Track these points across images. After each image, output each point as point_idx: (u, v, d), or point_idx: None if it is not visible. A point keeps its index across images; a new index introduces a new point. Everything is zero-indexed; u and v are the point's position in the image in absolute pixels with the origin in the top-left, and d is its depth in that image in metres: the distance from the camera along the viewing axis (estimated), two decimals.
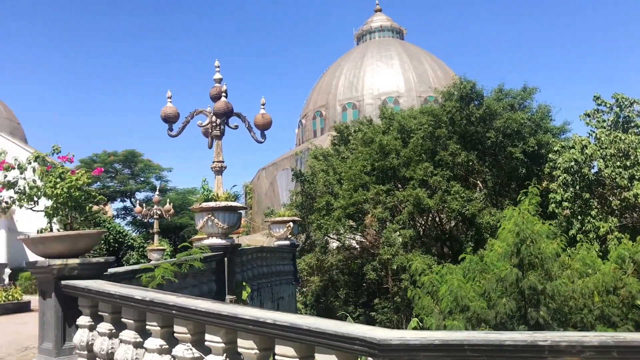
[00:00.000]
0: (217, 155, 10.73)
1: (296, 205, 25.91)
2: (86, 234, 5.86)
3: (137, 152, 42.48)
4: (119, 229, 33.38)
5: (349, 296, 24.07)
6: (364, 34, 50.86)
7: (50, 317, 5.71)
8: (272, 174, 44.72)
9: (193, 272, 7.88)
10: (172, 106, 10.65)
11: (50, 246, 5.68)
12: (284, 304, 13.54)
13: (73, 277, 5.66)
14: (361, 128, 26.54)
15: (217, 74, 10.91)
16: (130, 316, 4.85)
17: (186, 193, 42.33)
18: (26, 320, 11.22)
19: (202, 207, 9.79)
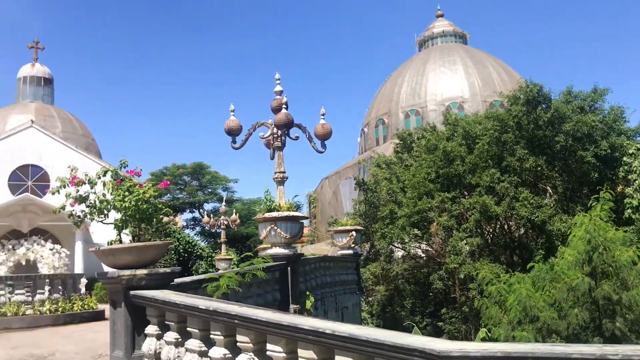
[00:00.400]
0: (279, 166, 10.87)
1: (359, 214, 25.82)
2: (153, 245, 6.05)
3: (204, 164, 43.65)
4: (188, 239, 34.28)
5: (416, 306, 23.73)
6: (425, 40, 50.37)
7: (121, 326, 5.93)
8: (335, 183, 44.83)
9: (257, 281, 7.98)
10: (235, 119, 10.90)
11: (120, 257, 5.91)
12: (348, 313, 13.49)
13: (141, 287, 5.86)
14: (424, 135, 26.21)
15: (278, 86, 11.09)
16: (195, 325, 4.96)
17: (251, 203, 43.08)
18: (100, 328, 11.69)
19: (265, 217, 9.93)
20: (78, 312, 13.80)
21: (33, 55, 39.18)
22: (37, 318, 12.90)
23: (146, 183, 6.43)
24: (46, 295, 13.60)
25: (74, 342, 9.29)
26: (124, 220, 6.14)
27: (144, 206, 6.19)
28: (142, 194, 6.12)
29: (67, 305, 13.69)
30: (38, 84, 38.59)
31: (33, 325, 12.55)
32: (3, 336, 10.71)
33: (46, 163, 31.51)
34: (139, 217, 6.24)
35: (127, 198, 6.02)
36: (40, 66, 39.13)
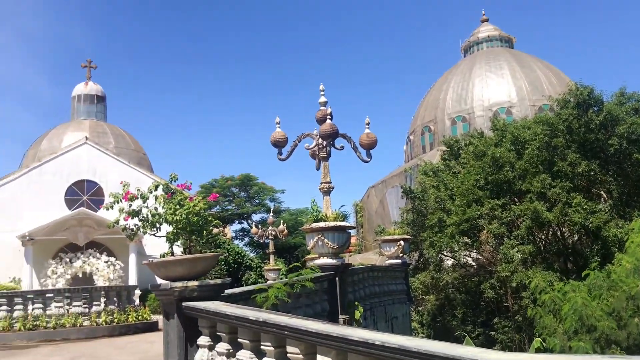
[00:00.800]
0: (325, 177, 10.91)
1: (407, 223, 25.60)
2: (203, 257, 6.17)
3: (252, 175, 44.19)
4: (237, 250, 34.71)
5: (467, 315, 23.29)
6: (470, 46, 49.76)
7: (174, 337, 6.06)
8: (382, 191, 44.61)
9: (306, 292, 8.02)
10: (280, 131, 11.02)
11: (172, 269, 6.05)
12: (398, 323, 13.38)
13: (193, 299, 5.98)
14: (472, 141, 25.81)
15: (322, 97, 11.16)
16: (245, 336, 5.02)
17: (298, 213, 43.28)
18: (153, 339, 11.94)
19: (312, 228, 9.98)
20: (133, 323, 14.13)
21: (86, 74, 40.63)
22: (93, 329, 13.28)
23: (196, 196, 6.58)
24: (102, 307, 14.00)
25: (129, 352, 9.53)
26: (176, 233, 6.28)
27: (195, 219, 6.33)
28: (192, 207, 6.26)
29: (122, 317, 14.05)
30: (91, 101, 39.94)
31: (90, 336, 12.94)
32: (62, 347, 11.07)
33: (100, 178, 32.53)
34: (189, 229, 6.38)
35: (178, 211, 6.16)
36: (93, 84, 40.51)
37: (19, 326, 13.18)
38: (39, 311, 13.62)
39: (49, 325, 13.28)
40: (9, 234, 29.21)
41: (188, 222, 6.24)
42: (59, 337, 12.75)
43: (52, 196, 31.23)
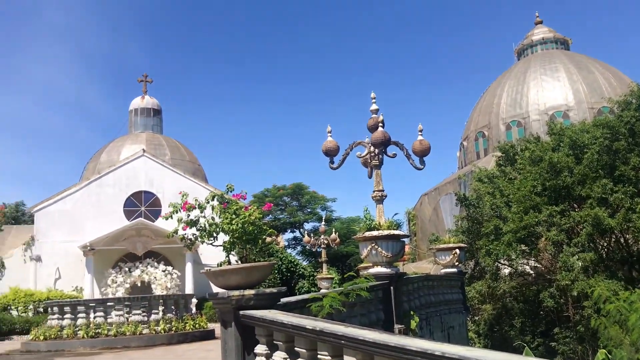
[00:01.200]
0: (377, 185, 10.85)
1: (462, 231, 25.14)
2: (259, 266, 6.23)
3: (303, 184, 44.44)
4: (290, 258, 34.93)
5: (525, 325, 22.62)
6: (524, 49, 48.65)
7: (231, 345, 6.13)
8: (435, 199, 44.02)
9: (360, 301, 7.97)
10: (332, 140, 11.03)
11: (228, 278, 6.13)
12: (454, 333, 13.13)
13: (249, 307, 6.03)
14: (528, 146, 25.15)
15: (374, 105, 11.13)
16: (302, 345, 5.03)
17: (350, 222, 43.19)
18: (211, 347, 12.12)
19: (365, 237, 9.93)
20: (190, 331, 14.39)
21: (142, 88, 41.87)
22: (153, 337, 13.60)
23: (251, 206, 6.66)
24: (160, 315, 14.32)
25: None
26: (232, 242, 6.37)
27: (250, 228, 6.40)
28: (248, 216, 6.33)
29: (180, 325, 14.33)
30: (148, 115, 41.12)
31: (149, 344, 13.24)
32: (123, 354, 11.38)
33: (157, 189, 33.40)
34: (245, 238, 6.46)
35: (234, 221, 6.25)
36: (149, 98, 41.72)
37: (82, 334, 13.63)
38: (100, 319, 14.06)
39: (110, 333, 13.68)
40: (71, 244, 30.34)
41: (244, 231, 6.32)
42: (120, 345, 13.11)
43: (111, 207, 32.27)
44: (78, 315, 14.26)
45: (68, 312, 14.37)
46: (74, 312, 14.35)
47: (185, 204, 6.36)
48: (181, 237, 6.53)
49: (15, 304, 28.13)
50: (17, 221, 51.93)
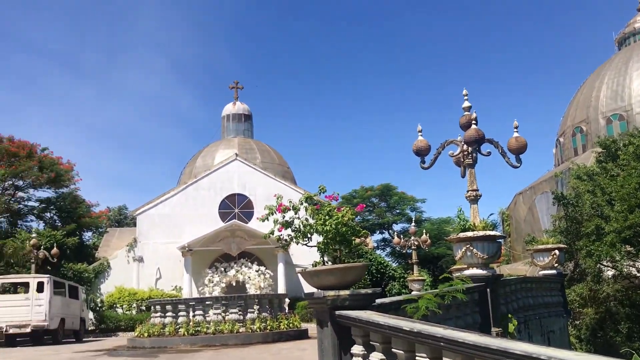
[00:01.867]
0: (471, 184, 10.59)
1: (560, 231, 24.05)
2: (354, 267, 6.26)
3: (391, 185, 44.20)
4: (380, 260, 34.79)
5: (633, 331, 21.27)
6: (626, 37, 45.74)
7: (327, 344, 6.19)
8: (530, 198, 42.32)
9: (456, 303, 7.82)
10: (423, 139, 10.88)
11: (323, 278, 6.20)
12: (554, 338, 12.57)
13: (344, 308, 6.07)
14: (632, 141, 23.63)
15: (466, 102, 10.87)
16: (399, 347, 5.00)
17: (441, 223, 42.46)
18: (305, 346, 12.30)
19: (460, 238, 9.72)
20: (284, 330, 14.68)
21: (234, 94, 43.24)
22: (249, 335, 13.99)
23: (344, 207, 6.70)
24: (256, 314, 14.70)
25: (283, 359, 9.89)
26: (326, 243, 6.45)
27: (343, 229, 6.45)
28: (340, 217, 6.39)
29: (275, 324, 14.65)
30: (239, 120, 42.42)
31: (246, 342, 13.63)
32: (222, 352, 11.78)
33: (249, 192, 34.38)
34: (338, 239, 6.51)
35: (327, 222, 6.32)
36: (240, 104, 43.02)
37: (183, 331, 14.25)
38: (199, 317, 14.64)
39: (209, 331, 14.21)
40: (171, 245, 31.83)
41: (337, 232, 6.38)
42: (218, 343, 13.58)
43: (207, 209, 33.55)
44: (179, 314, 14.92)
45: (169, 310, 15.07)
46: (175, 310, 15.03)
47: (281, 205, 6.50)
48: (277, 238, 6.69)
49: (120, 302, 29.89)
50: (120, 224, 55.22)
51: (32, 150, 34.39)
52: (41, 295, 19.67)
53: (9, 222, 35.61)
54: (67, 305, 21.85)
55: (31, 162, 33.33)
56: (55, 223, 36.83)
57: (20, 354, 14.74)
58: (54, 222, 37.05)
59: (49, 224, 36.66)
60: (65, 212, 36.76)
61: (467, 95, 10.97)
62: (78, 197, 37.68)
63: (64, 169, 35.67)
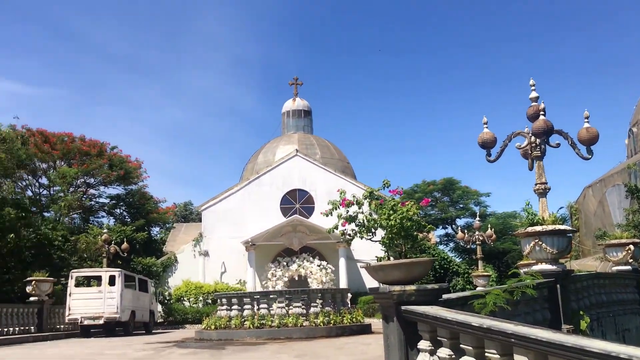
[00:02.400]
0: (540, 177, 10.29)
1: (634, 225, 23.04)
2: (420, 262, 6.20)
3: (454, 179, 43.43)
4: (443, 255, 34.29)
5: None
6: None
7: (393, 340, 6.17)
8: (601, 191, 40.64)
9: (525, 299, 7.61)
10: (489, 132, 10.66)
11: (389, 273, 6.17)
12: (630, 336, 12.03)
13: (410, 303, 6.03)
14: None
15: (533, 93, 10.56)
16: (468, 343, 4.92)
17: (506, 217, 41.41)
18: (369, 341, 12.30)
19: (528, 232, 9.47)
20: (348, 324, 14.71)
21: (294, 91, 43.56)
22: (312, 329, 14.11)
23: (408, 202, 6.65)
24: (319, 308, 14.80)
25: (347, 353, 9.91)
26: (391, 238, 6.41)
27: (408, 224, 6.40)
28: (405, 212, 6.34)
29: (338, 318, 14.70)
30: (299, 116, 42.70)
31: (310, 336, 13.76)
32: (287, 345, 11.93)
33: (310, 187, 34.62)
34: (403, 234, 6.46)
35: (392, 216, 6.28)
36: (300, 100, 43.29)
37: (249, 324, 14.52)
38: (264, 311, 14.88)
39: (274, 324, 14.42)
40: (235, 239, 32.47)
41: (402, 227, 6.33)
42: (283, 336, 13.77)
43: (269, 204, 34.03)
44: (244, 307, 15.22)
45: (235, 303, 15.39)
46: (240, 303, 15.34)
47: (344, 200, 6.51)
48: (341, 233, 6.70)
49: (187, 295, 30.76)
50: (186, 219, 56.80)
51: (102, 149, 35.88)
52: (113, 288, 20.50)
53: (81, 219, 37.28)
54: (137, 298, 22.69)
55: (101, 160, 34.79)
56: (125, 219, 38.25)
57: (96, 343, 15.42)
58: (123, 218, 38.50)
59: (118, 219, 38.13)
60: (134, 208, 38.12)
61: (534, 85, 10.66)
62: (146, 194, 38.98)
63: (132, 167, 37.02)
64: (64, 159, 34.44)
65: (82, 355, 11.18)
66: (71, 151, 34.39)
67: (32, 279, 20.37)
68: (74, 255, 28.12)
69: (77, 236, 29.00)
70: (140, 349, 12.51)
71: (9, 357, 11.09)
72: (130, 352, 11.57)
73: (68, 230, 30.71)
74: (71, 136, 35.22)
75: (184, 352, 11.13)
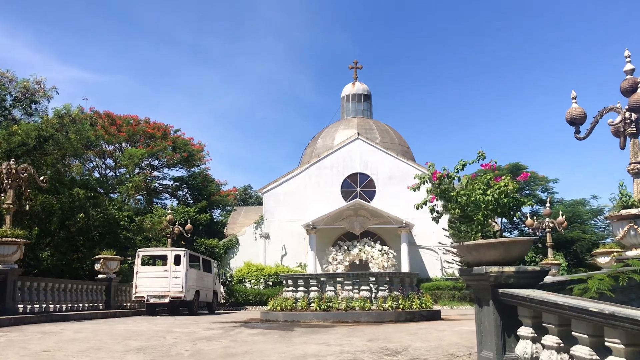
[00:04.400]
0: (635, 156, 9.49)
1: None
2: (520, 241, 5.67)
3: (521, 164, 41.86)
4: None
5: None
6: None
7: (489, 325, 5.69)
8: None
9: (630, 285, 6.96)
10: (578, 107, 9.89)
11: (484, 253, 5.68)
12: None
13: (508, 286, 5.54)
14: None
15: (628, 65, 9.73)
16: (582, 330, 4.41)
17: (575, 205, 39.70)
18: (442, 327, 11.81)
19: (622, 215, 8.77)
20: (417, 310, 14.23)
21: (353, 75, 42.95)
22: (381, 313, 13.70)
23: (505, 176, 6.12)
24: (387, 293, 14.38)
25: (421, 339, 9.46)
26: (485, 215, 5.91)
27: (505, 200, 5.88)
28: (503, 187, 5.82)
29: (407, 303, 14.24)
30: (358, 100, 42.11)
31: (378, 320, 13.36)
32: (356, 328, 11.59)
33: (371, 171, 34.12)
34: (499, 211, 5.95)
35: (489, 191, 5.78)
36: (359, 84, 42.67)
37: (315, 306, 14.26)
38: (330, 293, 14.59)
39: (341, 307, 14.10)
40: (296, 222, 32.41)
41: (497, 203, 5.82)
42: (350, 319, 13.43)
43: (330, 188, 33.77)
44: (310, 289, 14.98)
45: (301, 285, 15.17)
46: (306, 285, 15.11)
47: (436, 173, 6.03)
48: (431, 208, 6.25)
49: (248, 277, 30.95)
50: (246, 203, 57.36)
51: (167, 132, 36.44)
52: (178, 267, 20.71)
53: (146, 200, 38.07)
54: (201, 278, 22.89)
55: (166, 142, 35.35)
56: (188, 200, 38.83)
57: (162, 321, 15.55)
58: (186, 200, 39.10)
59: (181, 201, 38.75)
60: (197, 190, 38.63)
61: (629, 56, 9.82)
62: (208, 176, 39.42)
63: (195, 149, 37.46)
64: (130, 141, 35.18)
65: (151, 332, 11.19)
66: (136, 133, 35.08)
67: (100, 257, 20.81)
68: (140, 235, 28.69)
69: (142, 217, 29.58)
70: (207, 327, 12.46)
71: (81, 332, 11.22)
72: (199, 330, 11.51)
73: (133, 211, 31.38)
74: (136, 119, 35.91)
75: (253, 332, 10.96)
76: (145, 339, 9.59)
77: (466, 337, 9.63)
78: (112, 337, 10.22)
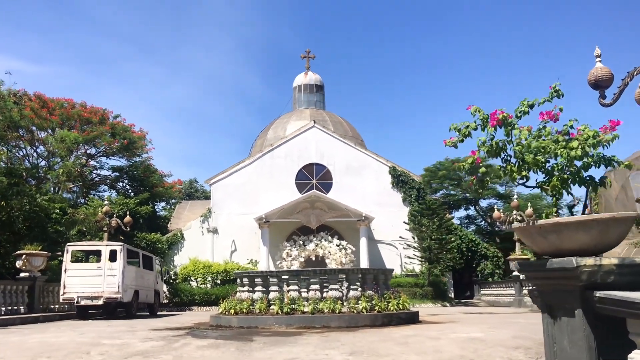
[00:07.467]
0: None
1: None
2: (622, 218, 3.73)
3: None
4: (470, 237, 32.00)
5: None
6: None
7: (571, 347, 3.74)
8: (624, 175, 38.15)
9: None
10: (604, 67, 8.09)
11: (568, 237, 3.72)
12: None
13: (604, 287, 3.62)
14: None
15: None
16: None
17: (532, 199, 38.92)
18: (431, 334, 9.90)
19: None
20: (394, 312, 12.25)
21: (306, 64, 40.96)
22: (354, 317, 11.62)
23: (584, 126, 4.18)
24: (359, 292, 12.37)
25: (415, 351, 7.49)
26: (564, 180, 3.96)
27: (590, 160, 3.94)
28: (592, 137, 3.88)
29: (383, 304, 12.22)
30: (311, 91, 40.18)
31: (351, 325, 11.31)
32: (330, 337, 9.52)
33: (328, 161, 32.20)
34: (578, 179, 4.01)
35: (573, 143, 3.83)
36: (312, 74, 40.74)
37: (276, 309, 12.06)
38: (294, 294, 12.42)
39: (306, 309, 11.96)
40: (247, 216, 30.12)
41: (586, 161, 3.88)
42: (318, 324, 11.34)
43: (283, 179, 31.66)
44: (270, 288, 12.79)
45: (259, 284, 12.93)
46: (265, 284, 12.89)
47: (495, 117, 4.02)
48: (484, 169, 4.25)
49: (194, 275, 28.46)
50: (192, 197, 54.40)
51: (105, 116, 33.35)
52: (114, 264, 18.19)
53: (81, 192, 34.90)
54: (141, 276, 20.34)
55: (104, 127, 32.26)
56: (128, 192, 35.91)
57: (92, 328, 13.12)
58: (126, 192, 36.16)
59: (121, 193, 35.77)
60: (138, 181, 35.72)
61: None
62: (151, 167, 36.54)
63: (136, 136, 34.50)
64: (64, 126, 31.83)
65: (73, 345, 8.83)
66: (71, 118, 31.85)
67: (22, 253, 18.03)
68: (73, 229, 25.82)
69: (75, 209, 26.65)
70: (146, 337, 10.17)
71: None
72: (135, 342, 9.22)
73: (68, 203, 28.37)
74: (71, 102, 32.66)
75: (202, 343, 8.77)
76: (62, 357, 7.28)
77: (469, 347, 7.73)
78: (18, 353, 7.85)
